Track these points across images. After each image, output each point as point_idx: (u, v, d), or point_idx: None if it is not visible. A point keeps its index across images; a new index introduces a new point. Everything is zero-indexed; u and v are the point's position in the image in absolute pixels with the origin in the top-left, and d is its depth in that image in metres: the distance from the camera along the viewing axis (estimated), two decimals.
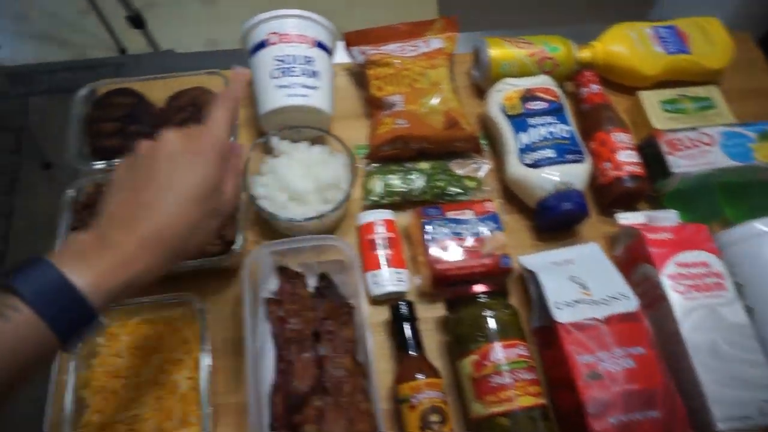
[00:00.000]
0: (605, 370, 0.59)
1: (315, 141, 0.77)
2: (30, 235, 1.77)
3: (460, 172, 0.78)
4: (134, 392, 0.60)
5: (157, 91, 0.79)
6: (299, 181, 0.70)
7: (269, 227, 0.75)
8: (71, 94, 0.78)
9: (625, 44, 0.84)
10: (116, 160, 0.72)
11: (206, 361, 0.61)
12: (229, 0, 2.24)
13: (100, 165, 0.72)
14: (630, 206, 0.77)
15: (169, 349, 0.63)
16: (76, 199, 0.70)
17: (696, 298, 0.62)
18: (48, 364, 0.38)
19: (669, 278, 0.63)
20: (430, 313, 0.71)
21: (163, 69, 0.88)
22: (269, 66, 0.73)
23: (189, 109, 0.75)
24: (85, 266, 0.39)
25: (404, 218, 0.76)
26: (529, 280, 0.70)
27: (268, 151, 0.76)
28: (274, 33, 0.74)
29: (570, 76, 0.83)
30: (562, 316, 0.62)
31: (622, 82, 0.86)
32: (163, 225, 0.42)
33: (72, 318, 0.38)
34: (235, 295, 0.71)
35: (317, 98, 0.74)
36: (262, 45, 0.74)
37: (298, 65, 0.73)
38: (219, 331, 0.69)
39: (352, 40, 0.83)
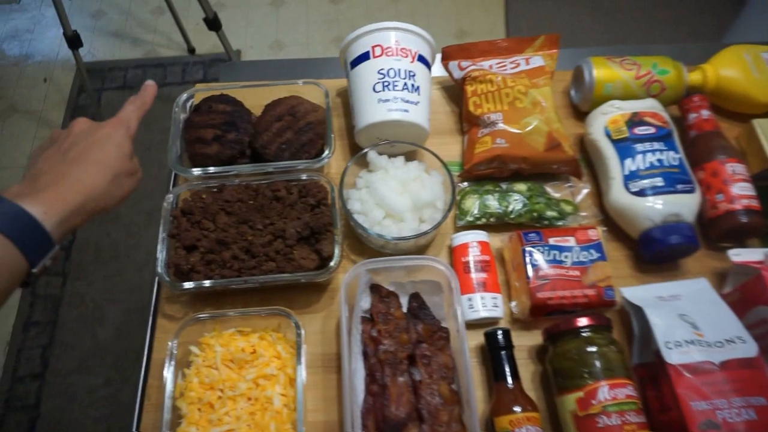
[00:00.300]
0: (723, 419, 0.55)
1: (410, 156, 0.76)
2: (94, 225, 1.82)
3: (556, 195, 0.76)
4: (229, 406, 0.60)
5: (253, 98, 0.79)
6: (396, 199, 0.69)
7: (359, 242, 0.74)
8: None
9: (739, 69, 0.79)
10: (211, 168, 0.72)
11: (302, 377, 0.60)
12: (297, 3, 2.25)
13: (197, 171, 0.72)
14: (740, 242, 0.73)
15: (263, 363, 0.62)
16: (174, 206, 0.71)
17: None
18: (15, 288, 0.45)
19: None
20: (525, 341, 0.68)
21: (232, 72, 0.90)
22: (372, 79, 0.72)
23: (286, 119, 0.75)
24: (30, 201, 0.45)
25: (496, 240, 0.73)
26: (632, 314, 0.66)
27: (361, 164, 0.75)
28: (378, 45, 0.73)
29: (677, 100, 0.79)
30: (673, 357, 0.59)
31: (733, 109, 0.81)
32: (85, 175, 0.49)
33: (34, 240, 0.44)
34: (325, 309, 0.70)
35: (417, 114, 0.72)
36: (364, 57, 0.74)
37: (400, 79, 0.72)
38: (307, 346, 0.68)
39: (449, 54, 0.81)
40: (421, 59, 0.75)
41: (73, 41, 1.52)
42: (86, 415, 1.57)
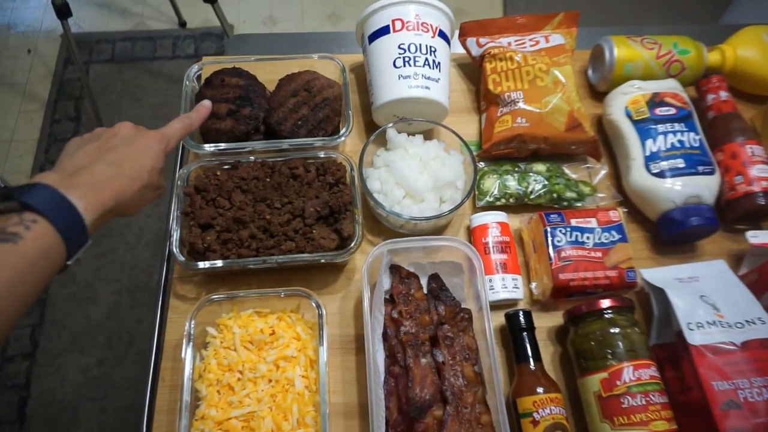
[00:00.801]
0: (744, 399, 0.56)
1: (428, 134, 0.74)
2: None
3: (574, 176, 0.75)
4: (249, 388, 0.59)
5: (265, 72, 0.76)
6: (417, 178, 0.68)
7: (377, 222, 0.73)
8: (130, 64, 0.77)
9: (758, 49, 0.78)
10: (224, 144, 0.70)
11: (324, 358, 0.59)
12: None
13: (210, 148, 0.69)
14: (756, 224, 0.73)
15: (283, 345, 0.61)
16: (186, 183, 0.68)
17: None
18: (51, 279, 0.44)
19: None
20: (544, 322, 0.68)
21: (240, 45, 0.86)
22: (392, 54, 0.70)
23: (302, 94, 0.72)
24: (72, 194, 0.44)
25: (515, 221, 0.73)
26: (652, 296, 0.66)
27: (380, 143, 0.73)
28: (398, 19, 0.71)
29: (695, 81, 0.79)
30: (695, 338, 0.59)
31: (751, 91, 0.81)
32: (120, 180, 0.49)
33: (76, 232, 0.43)
34: (342, 290, 0.69)
35: (438, 91, 0.71)
36: (384, 31, 0.71)
37: (421, 55, 0.70)
38: (326, 328, 0.67)
39: (468, 30, 0.79)
40: (442, 34, 0.73)
41: (62, 10, 1.45)
42: (79, 395, 1.54)
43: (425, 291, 0.66)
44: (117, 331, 1.63)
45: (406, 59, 0.70)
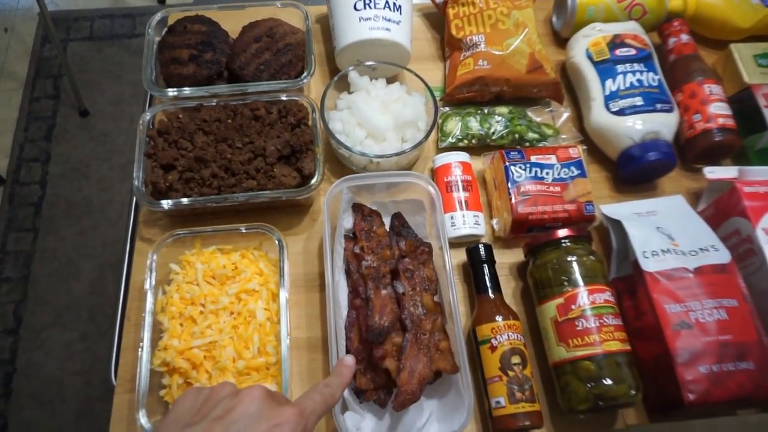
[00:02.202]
0: (695, 320, 0.57)
1: (391, 80, 0.75)
2: (65, 182, 1.78)
3: (537, 119, 0.76)
4: (211, 319, 0.60)
5: (228, 21, 0.77)
6: (378, 118, 0.68)
7: (341, 164, 0.73)
8: (109, 41, 0.76)
9: None
10: (188, 89, 0.70)
11: (285, 293, 0.60)
12: None
13: (172, 92, 0.70)
14: (715, 161, 0.74)
15: (245, 279, 0.62)
16: (149, 126, 0.69)
17: None
18: None
19: (765, 232, 0.61)
20: (506, 259, 0.69)
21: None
22: None
23: (264, 40, 0.73)
24: None
25: (479, 162, 0.74)
26: (611, 230, 0.68)
27: (342, 87, 0.73)
28: None
29: (657, 25, 0.80)
30: (649, 264, 0.60)
31: (712, 35, 0.82)
32: None
33: None
34: (306, 230, 0.70)
35: (399, 33, 0.71)
36: None
37: None
38: (290, 267, 0.68)
39: None
40: None
41: None
42: (64, 369, 1.55)
43: (387, 229, 0.67)
44: (100, 306, 1.63)
45: (367, 2, 0.70)
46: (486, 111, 0.74)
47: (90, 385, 1.54)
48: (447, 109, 0.75)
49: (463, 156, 0.71)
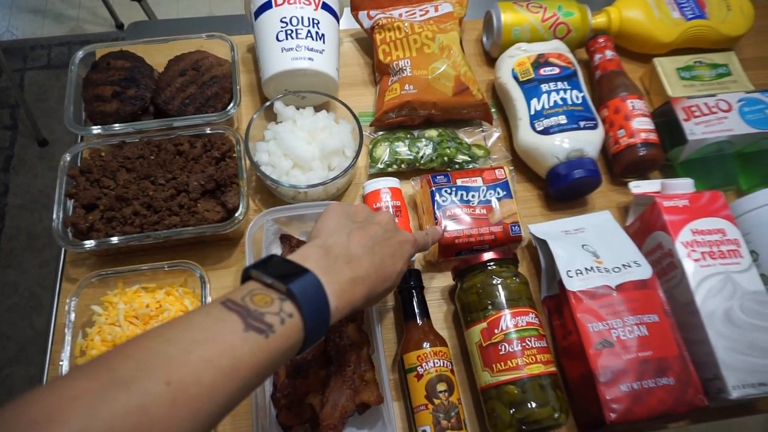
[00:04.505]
0: (617, 338, 0.58)
1: (320, 108, 0.75)
2: (25, 213, 1.75)
3: (468, 140, 0.76)
4: None
5: (157, 55, 0.76)
6: (303, 148, 0.68)
7: (272, 196, 0.73)
8: (67, 69, 0.76)
9: (641, 10, 0.81)
10: (115, 126, 0.69)
11: None
12: None
13: (96, 130, 0.69)
14: (643, 175, 0.75)
15: (168, 317, 0.61)
16: (73, 164, 0.68)
17: (711, 265, 0.60)
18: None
19: (684, 245, 0.62)
20: (437, 283, 0.69)
21: (141, 31, 0.86)
22: (274, 28, 0.71)
23: (190, 73, 0.72)
24: (332, 285, 0.42)
25: (410, 187, 0.74)
26: (539, 249, 0.68)
27: (271, 117, 0.73)
28: None
29: (583, 42, 0.81)
30: (573, 284, 0.61)
31: (637, 50, 0.83)
32: (375, 280, 0.47)
33: (319, 332, 0.41)
34: (237, 264, 0.70)
35: (323, 62, 0.71)
36: (267, 6, 0.72)
37: (303, 27, 0.70)
38: None
39: (358, 4, 0.80)
40: (326, 7, 0.74)
41: None
42: None
43: None
44: None
45: (288, 32, 0.70)
46: (415, 135, 0.75)
47: None
48: (378, 134, 0.76)
49: (393, 182, 0.71)
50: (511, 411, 0.56)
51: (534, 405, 0.55)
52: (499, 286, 0.61)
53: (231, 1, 2.14)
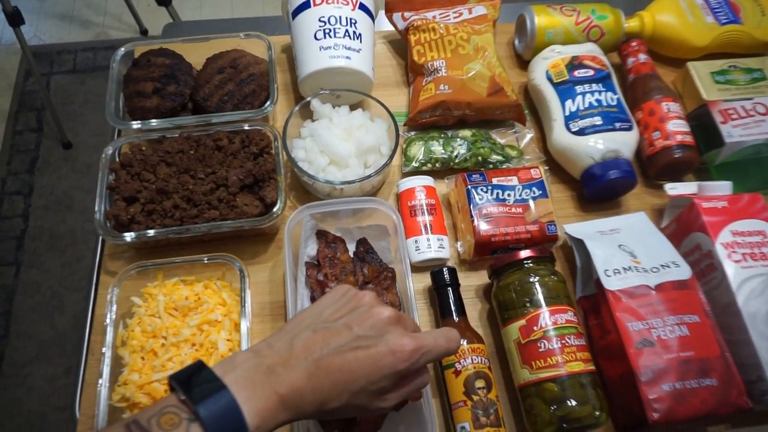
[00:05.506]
0: (657, 337, 0.57)
1: (355, 107, 0.75)
2: (49, 213, 1.77)
3: (501, 141, 0.77)
4: (173, 352, 0.59)
5: (194, 54, 0.78)
6: (340, 145, 0.69)
7: (307, 192, 0.74)
8: (92, 74, 0.77)
9: (675, 14, 0.81)
10: (152, 121, 0.70)
11: (246, 323, 0.60)
12: None
13: (136, 125, 0.70)
14: (677, 178, 0.75)
15: (207, 310, 0.61)
16: (113, 158, 0.69)
17: (753, 267, 0.60)
18: None
19: (724, 246, 0.61)
20: (471, 281, 0.69)
21: (175, 31, 0.87)
22: (312, 27, 0.72)
23: (228, 71, 0.74)
24: (253, 400, 0.38)
25: (443, 186, 0.74)
26: (574, 249, 0.68)
27: (306, 116, 0.74)
28: None
29: (616, 46, 0.81)
30: (612, 283, 0.60)
31: (670, 54, 0.84)
32: (302, 391, 0.40)
33: None
34: (272, 259, 0.70)
35: (360, 61, 0.72)
36: (305, 6, 0.73)
37: (341, 26, 0.71)
38: (255, 295, 0.67)
39: (393, 5, 0.81)
40: (363, 7, 0.75)
41: (14, 18, 1.46)
42: (47, 404, 1.52)
43: (351, 255, 0.67)
44: None
45: (327, 31, 0.71)
46: (449, 134, 0.75)
47: (73, 421, 1.51)
48: (411, 133, 0.76)
49: (427, 180, 0.71)
50: (552, 408, 0.55)
51: (574, 403, 0.55)
52: (537, 284, 0.61)
53: (253, 6, 2.17)
